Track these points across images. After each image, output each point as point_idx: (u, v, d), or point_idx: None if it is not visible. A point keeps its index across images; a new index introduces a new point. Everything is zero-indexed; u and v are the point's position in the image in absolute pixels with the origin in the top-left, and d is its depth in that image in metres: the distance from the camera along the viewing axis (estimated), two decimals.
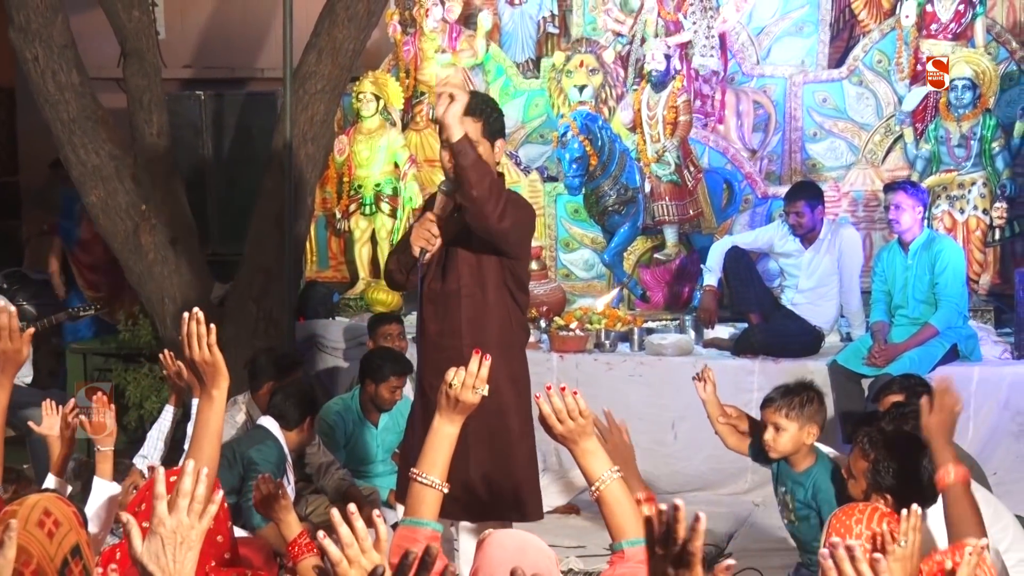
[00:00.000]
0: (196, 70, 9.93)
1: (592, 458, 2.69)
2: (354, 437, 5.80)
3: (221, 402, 2.80)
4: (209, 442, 2.79)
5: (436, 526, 2.68)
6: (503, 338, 3.85)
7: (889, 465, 3.36)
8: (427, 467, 2.73)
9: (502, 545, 2.45)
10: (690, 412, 6.27)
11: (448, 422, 2.78)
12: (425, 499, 2.70)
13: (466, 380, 2.76)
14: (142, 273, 6.18)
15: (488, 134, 3.84)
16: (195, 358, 2.76)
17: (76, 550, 2.20)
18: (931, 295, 5.93)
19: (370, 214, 7.91)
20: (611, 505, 2.66)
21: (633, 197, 7.34)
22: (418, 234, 3.81)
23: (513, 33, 8.63)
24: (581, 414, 2.68)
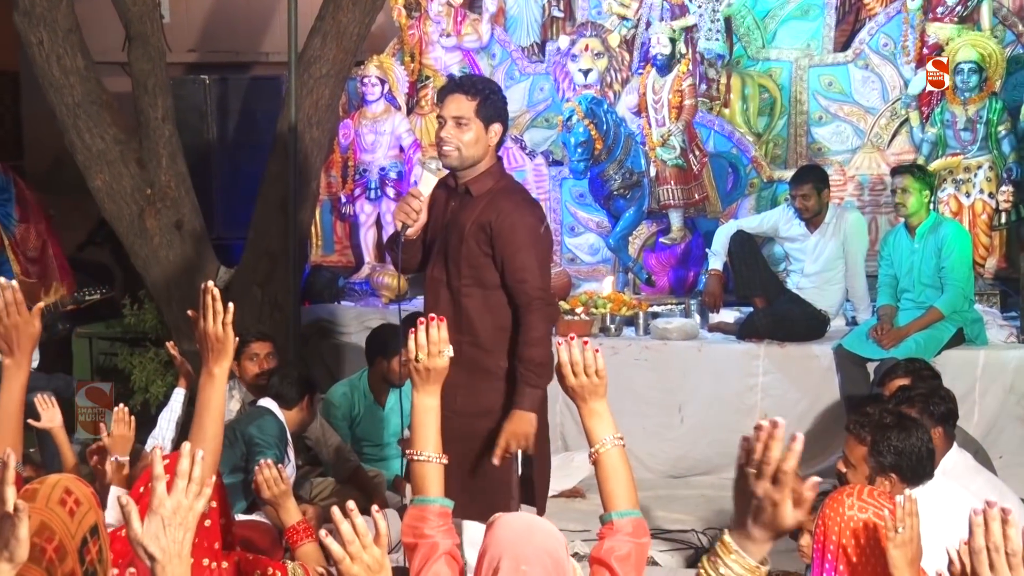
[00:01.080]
0: (200, 54, 9.91)
1: (598, 419, 2.70)
2: (362, 419, 5.81)
3: (223, 380, 2.84)
4: (211, 419, 2.82)
5: (445, 502, 2.70)
6: (501, 338, 3.80)
7: (888, 444, 3.33)
8: (420, 444, 2.75)
9: (511, 527, 2.46)
10: (695, 396, 6.30)
11: (426, 395, 2.80)
12: (428, 475, 2.72)
13: (429, 348, 2.76)
14: (147, 257, 6.18)
15: (482, 115, 3.78)
16: (208, 331, 2.79)
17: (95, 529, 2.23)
18: (937, 279, 5.92)
19: (375, 198, 7.91)
20: (607, 471, 2.66)
21: (638, 181, 7.34)
22: (400, 209, 3.78)
23: (518, 17, 8.60)
24: (597, 373, 2.68)
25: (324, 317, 7.20)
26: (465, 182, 3.84)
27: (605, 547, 2.54)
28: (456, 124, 3.76)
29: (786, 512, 1.97)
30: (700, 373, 6.34)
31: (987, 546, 1.76)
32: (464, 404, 3.75)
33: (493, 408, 3.80)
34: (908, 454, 3.32)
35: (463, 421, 3.74)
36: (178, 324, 6.11)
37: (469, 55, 8.35)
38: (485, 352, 3.78)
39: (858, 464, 3.39)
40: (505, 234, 3.74)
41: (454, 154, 3.78)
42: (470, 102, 3.77)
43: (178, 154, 6.18)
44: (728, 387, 6.29)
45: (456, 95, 3.79)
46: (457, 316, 3.75)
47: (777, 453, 1.97)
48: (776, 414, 6.41)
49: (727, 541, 2.07)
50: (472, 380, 3.76)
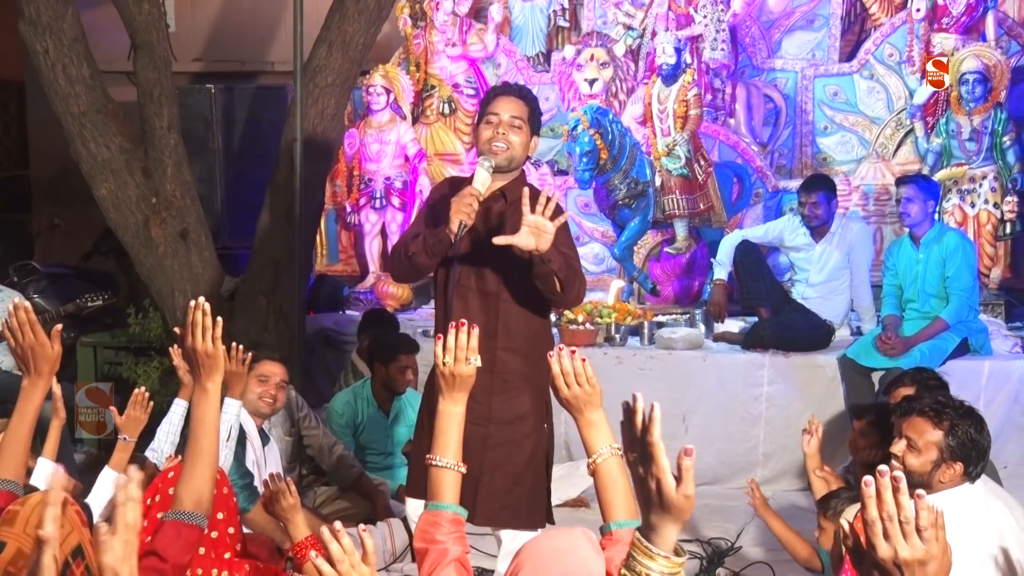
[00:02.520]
0: (206, 63, 9.94)
1: (594, 430, 2.69)
2: (366, 427, 5.80)
3: (216, 396, 2.81)
4: (207, 435, 2.78)
5: (458, 509, 2.69)
6: (536, 346, 3.74)
7: (966, 431, 3.30)
8: (440, 450, 2.74)
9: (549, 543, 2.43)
10: (700, 406, 6.29)
11: (452, 402, 2.79)
12: (444, 482, 2.71)
13: (456, 354, 2.76)
14: (152, 266, 6.18)
15: (531, 124, 3.80)
16: (196, 348, 2.77)
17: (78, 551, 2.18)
18: (942, 289, 5.91)
19: (380, 208, 7.92)
20: (605, 480, 2.65)
21: (643, 191, 7.33)
22: (459, 207, 3.60)
23: (523, 27, 8.62)
24: (588, 381, 2.68)
25: (329, 326, 7.21)
26: (501, 188, 3.80)
27: (605, 557, 2.53)
28: (511, 124, 3.76)
29: (669, 486, 1.94)
30: (705, 383, 6.33)
31: (880, 516, 1.75)
32: (500, 411, 3.74)
33: (527, 414, 3.79)
34: (979, 446, 3.32)
35: (498, 428, 3.73)
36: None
37: (474, 65, 8.36)
38: (521, 357, 3.75)
39: (926, 448, 3.33)
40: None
41: (507, 152, 3.75)
42: (525, 107, 3.79)
43: (183, 163, 6.19)
44: (733, 397, 6.28)
45: (513, 98, 3.80)
46: (492, 322, 3.72)
47: (638, 424, 1.96)
48: (781, 424, 6.44)
49: (638, 539, 2.05)
50: (507, 387, 3.74)
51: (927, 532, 1.74)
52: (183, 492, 2.73)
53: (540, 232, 3.45)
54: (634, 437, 1.97)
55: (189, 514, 2.68)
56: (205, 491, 2.74)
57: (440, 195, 3.92)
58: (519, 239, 3.46)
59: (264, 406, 4.72)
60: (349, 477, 5.43)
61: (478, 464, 3.62)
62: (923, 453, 3.34)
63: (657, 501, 1.97)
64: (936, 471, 3.32)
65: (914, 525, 1.73)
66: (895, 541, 1.73)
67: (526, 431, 3.79)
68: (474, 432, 2.88)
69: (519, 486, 3.77)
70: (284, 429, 5.39)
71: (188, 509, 2.69)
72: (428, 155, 8.11)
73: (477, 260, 3.76)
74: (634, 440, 1.98)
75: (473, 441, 2.87)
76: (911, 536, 1.73)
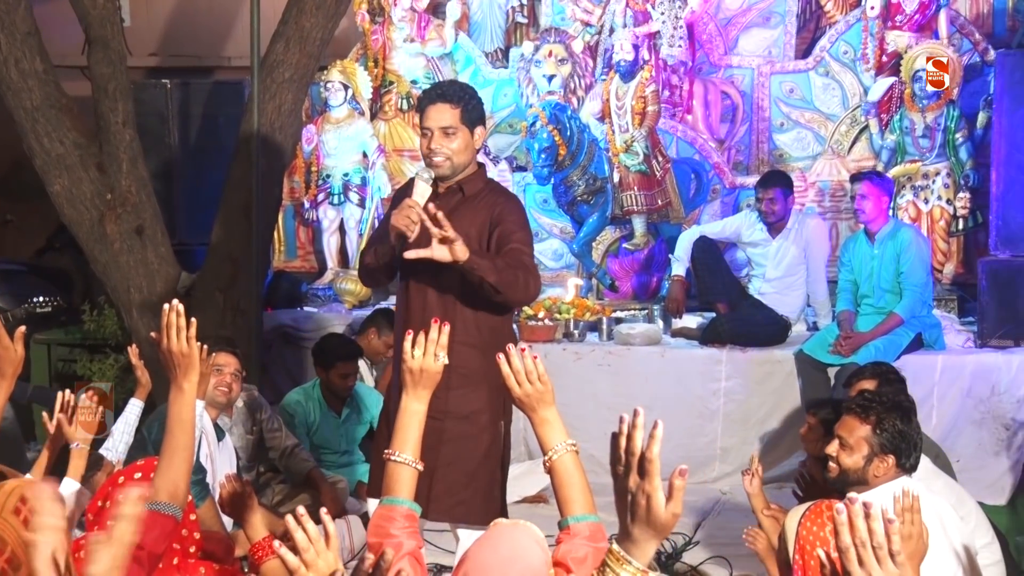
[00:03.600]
0: (162, 58, 9.86)
1: (549, 427, 2.70)
2: (316, 427, 5.79)
3: (192, 394, 2.86)
4: (183, 432, 2.83)
5: (412, 505, 2.70)
6: (494, 342, 3.69)
7: (893, 424, 3.38)
8: (399, 445, 2.75)
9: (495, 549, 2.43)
10: (658, 401, 6.31)
11: (415, 399, 2.79)
12: (400, 478, 2.72)
13: (427, 348, 2.76)
14: (108, 263, 6.12)
15: (467, 121, 3.79)
16: (172, 349, 2.81)
17: None
18: (896, 284, 5.98)
19: (338, 204, 7.89)
20: (561, 477, 2.66)
21: (602, 187, 7.36)
22: (398, 219, 3.66)
23: (482, 22, 8.62)
24: (540, 379, 2.68)
25: (286, 323, 7.18)
26: (458, 181, 3.83)
27: (562, 550, 2.55)
28: (444, 134, 3.75)
29: (659, 504, 1.94)
30: (663, 378, 6.37)
31: (854, 542, 1.78)
32: (456, 406, 3.74)
33: (483, 409, 3.79)
34: (908, 437, 3.39)
35: (454, 423, 3.74)
36: (139, 330, 6.06)
37: (433, 61, 8.35)
38: (479, 352, 3.73)
39: (856, 444, 3.41)
40: (507, 218, 3.78)
41: (446, 164, 3.77)
42: (454, 110, 3.76)
43: (139, 159, 6.13)
44: (691, 392, 6.32)
45: (439, 105, 3.78)
46: (450, 317, 3.66)
47: (639, 442, 1.96)
48: (738, 419, 6.49)
49: (614, 549, 2.04)
50: (465, 382, 3.74)
51: (899, 557, 1.77)
52: (160, 483, 2.78)
53: (445, 243, 3.49)
54: (629, 450, 1.97)
55: (165, 504, 2.74)
56: (181, 484, 2.81)
57: (399, 200, 3.92)
58: (433, 252, 3.51)
59: (220, 395, 4.75)
60: (302, 470, 5.40)
61: (433, 459, 3.61)
62: (855, 450, 3.42)
63: (644, 516, 1.97)
64: (869, 466, 3.39)
65: (887, 550, 1.76)
66: (869, 567, 1.76)
67: (481, 426, 3.79)
68: (430, 426, 2.87)
69: (474, 482, 3.77)
70: (246, 428, 5.37)
71: (164, 500, 2.75)
72: (387, 151, 8.09)
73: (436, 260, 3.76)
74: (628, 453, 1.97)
75: (429, 436, 2.87)
76: (884, 561, 1.76)
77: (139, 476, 3.27)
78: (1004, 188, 6.21)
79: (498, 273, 3.61)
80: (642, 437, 1.97)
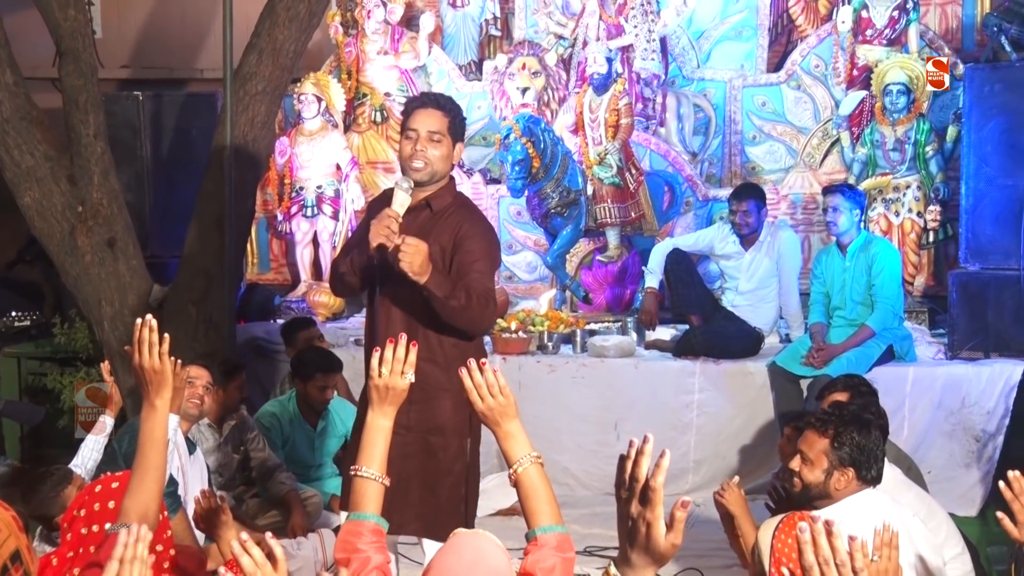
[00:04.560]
0: (134, 70, 9.81)
1: (512, 441, 2.71)
2: (291, 440, 5.77)
3: (164, 411, 2.84)
4: (155, 451, 2.81)
5: (379, 520, 2.70)
6: (459, 357, 3.65)
7: (850, 437, 3.40)
8: (366, 461, 2.76)
9: (459, 555, 2.45)
10: (632, 413, 6.33)
11: (381, 415, 2.80)
12: (367, 493, 2.72)
13: (393, 367, 2.76)
14: (79, 275, 6.08)
15: (452, 133, 3.77)
16: (144, 365, 2.78)
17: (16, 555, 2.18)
18: (868, 297, 6.01)
19: (312, 216, 7.88)
20: (527, 489, 2.67)
21: (575, 199, 7.37)
22: (377, 231, 3.61)
23: (455, 35, 8.63)
24: (501, 391, 2.69)
25: (259, 335, 7.14)
26: (426, 197, 3.81)
27: (529, 561, 2.56)
28: (430, 138, 3.74)
29: (659, 533, 1.94)
30: (637, 390, 6.38)
31: (817, 561, 1.79)
32: (418, 420, 3.73)
33: (445, 425, 3.77)
34: (867, 450, 3.40)
35: (416, 437, 3.73)
36: (110, 343, 6.02)
37: (406, 73, 8.35)
38: (440, 368, 3.73)
39: (817, 459, 3.43)
40: (470, 243, 3.75)
41: (426, 169, 3.74)
42: (444, 118, 3.76)
43: (111, 171, 6.09)
44: (664, 404, 6.33)
45: (431, 110, 3.77)
46: (413, 332, 3.67)
47: (644, 470, 1.97)
48: (712, 431, 6.50)
49: (612, 573, 2.04)
50: (426, 396, 3.73)
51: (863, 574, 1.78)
52: (129, 505, 2.75)
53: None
54: (634, 476, 1.97)
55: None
56: (152, 505, 2.78)
57: (375, 212, 3.90)
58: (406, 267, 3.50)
59: (192, 407, 4.73)
60: (279, 492, 5.38)
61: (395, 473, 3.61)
62: (815, 464, 3.44)
63: (643, 543, 1.97)
64: (830, 479, 3.42)
65: (850, 567, 1.77)
66: None
67: (444, 442, 3.78)
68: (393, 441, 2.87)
69: (433, 496, 3.76)
70: (233, 447, 5.41)
71: (134, 522, 2.67)
72: (360, 163, 8.08)
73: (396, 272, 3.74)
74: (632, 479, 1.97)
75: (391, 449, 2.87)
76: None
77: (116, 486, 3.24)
78: (974, 201, 6.27)
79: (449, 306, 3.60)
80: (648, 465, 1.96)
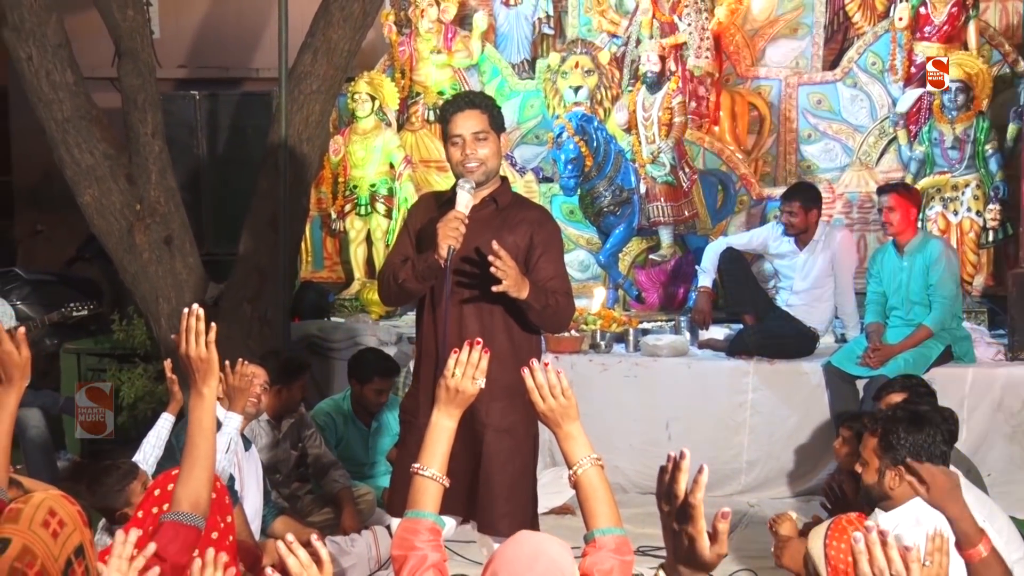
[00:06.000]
0: (191, 70, 9.93)
1: (573, 442, 2.71)
2: (345, 439, 5.80)
3: (212, 400, 2.84)
4: (203, 438, 2.82)
5: (437, 519, 2.71)
6: (531, 350, 3.76)
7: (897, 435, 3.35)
8: (427, 460, 2.77)
9: (520, 548, 2.46)
10: (684, 413, 6.29)
11: (446, 416, 2.81)
12: (426, 492, 2.73)
13: (466, 370, 2.77)
14: (136, 273, 6.16)
15: (494, 127, 3.80)
16: (191, 354, 2.79)
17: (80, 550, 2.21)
18: (925, 296, 5.93)
19: (365, 214, 7.91)
20: (586, 491, 2.67)
21: (628, 198, 7.35)
22: (445, 232, 3.62)
23: (508, 34, 8.63)
24: (564, 393, 2.69)
25: (313, 333, 7.19)
26: (490, 193, 3.83)
27: (588, 562, 2.55)
28: (475, 139, 3.76)
29: (703, 546, 1.94)
30: (689, 390, 6.34)
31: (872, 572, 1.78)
32: (496, 418, 3.73)
33: (519, 423, 3.77)
34: (919, 447, 3.32)
35: (493, 436, 3.73)
36: (167, 340, 6.09)
37: (459, 72, 8.36)
38: (504, 368, 3.67)
39: (870, 458, 3.40)
40: (547, 250, 3.81)
41: (480, 169, 3.76)
42: (482, 115, 3.78)
43: (168, 169, 6.17)
44: (717, 404, 6.29)
45: (469, 111, 3.78)
46: (486, 331, 3.71)
47: (684, 485, 1.96)
48: (765, 431, 6.43)
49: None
50: (504, 394, 3.72)
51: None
52: (181, 493, 2.77)
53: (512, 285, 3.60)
54: (673, 493, 1.97)
55: (187, 515, 2.73)
56: (203, 493, 2.79)
57: (420, 218, 3.92)
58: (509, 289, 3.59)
59: (251, 406, 4.77)
60: (332, 490, 5.42)
61: (474, 471, 3.64)
62: (869, 464, 3.40)
63: (687, 556, 1.98)
64: (883, 479, 3.37)
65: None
66: None
67: (520, 439, 3.79)
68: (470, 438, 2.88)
69: (516, 495, 3.77)
70: (292, 443, 5.46)
71: (186, 510, 2.74)
72: (413, 162, 8.11)
73: (470, 270, 3.75)
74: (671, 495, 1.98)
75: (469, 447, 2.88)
76: None
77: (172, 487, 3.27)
78: None
79: (544, 311, 3.71)
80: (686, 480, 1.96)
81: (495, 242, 3.56)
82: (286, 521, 4.92)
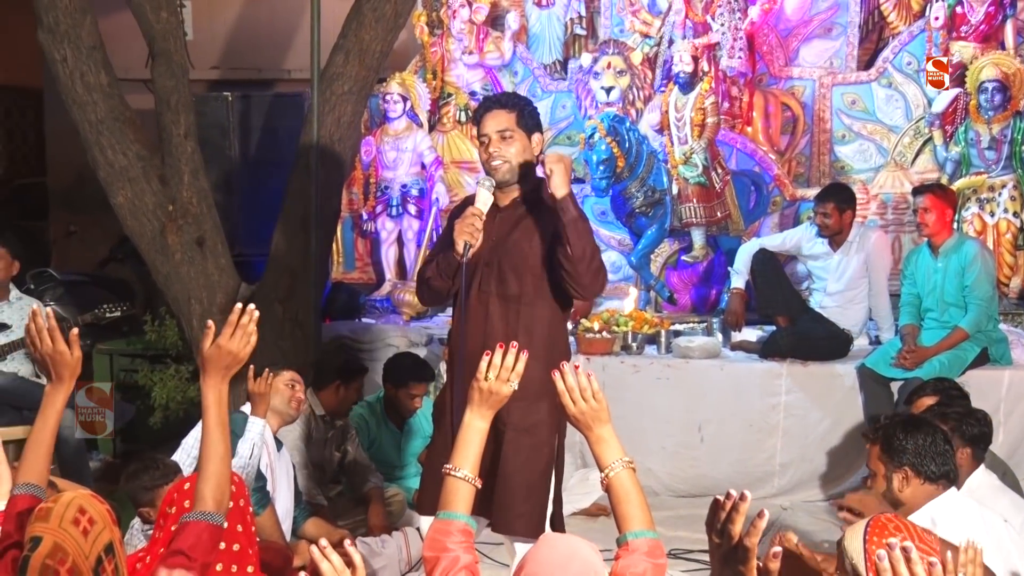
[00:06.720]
0: (223, 71, 9.98)
1: (604, 446, 2.70)
2: (378, 441, 5.81)
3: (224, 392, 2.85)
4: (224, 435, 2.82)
5: (469, 520, 2.70)
6: (554, 354, 3.70)
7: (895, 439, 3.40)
8: (459, 461, 2.75)
9: (553, 548, 2.46)
10: (717, 415, 6.26)
11: (479, 417, 2.80)
12: (458, 493, 2.72)
13: (501, 373, 2.76)
14: (169, 273, 6.19)
15: (523, 126, 3.78)
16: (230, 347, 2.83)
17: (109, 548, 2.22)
18: (961, 298, 5.87)
19: (397, 215, 7.93)
20: (619, 494, 2.66)
21: (660, 199, 7.32)
22: (462, 228, 3.65)
23: (540, 35, 8.62)
24: (595, 396, 2.68)
25: (345, 334, 7.20)
26: (522, 192, 3.83)
27: (620, 565, 2.54)
28: (501, 138, 3.75)
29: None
30: (722, 392, 6.30)
31: None
32: (518, 417, 3.71)
33: (542, 423, 3.76)
34: (921, 448, 3.37)
35: (516, 434, 3.72)
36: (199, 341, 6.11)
37: (491, 72, 8.36)
38: (540, 364, 3.63)
39: (876, 468, 3.44)
40: None
41: (504, 167, 3.76)
42: (509, 114, 3.77)
43: (200, 171, 6.19)
44: (750, 406, 6.25)
45: (494, 111, 3.79)
46: (513, 327, 3.72)
47: (739, 527, 1.94)
48: (798, 434, 6.37)
49: None
50: (526, 393, 3.70)
51: None
52: (206, 491, 2.76)
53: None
54: (728, 533, 1.96)
55: (211, 514, 2.74)
56: (226, 490, 2.80)
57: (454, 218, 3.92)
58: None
59: (293, 409, 4.83)
60: (362, 487, 5.43)
61: (493, 470, 3.62)
62: (877, 475, 3.45)
63: None
64: (891, 485, 3.39)
65: None
66: None
67: (542, 439, 3.77)
68: (490, 437, 2.86)
69: (533, 495, 3.75)
70: (336, 446, 5.50)
71: (211, 509, 2.74)
72: (445, 163, 8.11)
73: (498, 266, 3.77)
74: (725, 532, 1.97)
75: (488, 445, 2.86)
76: None
77: None
78: None
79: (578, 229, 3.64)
80: (742, 523, 1.96)
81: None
82: (317, 523, 4.93)
